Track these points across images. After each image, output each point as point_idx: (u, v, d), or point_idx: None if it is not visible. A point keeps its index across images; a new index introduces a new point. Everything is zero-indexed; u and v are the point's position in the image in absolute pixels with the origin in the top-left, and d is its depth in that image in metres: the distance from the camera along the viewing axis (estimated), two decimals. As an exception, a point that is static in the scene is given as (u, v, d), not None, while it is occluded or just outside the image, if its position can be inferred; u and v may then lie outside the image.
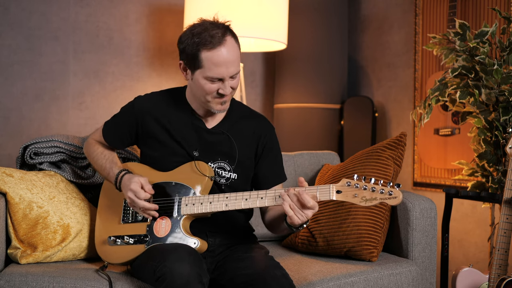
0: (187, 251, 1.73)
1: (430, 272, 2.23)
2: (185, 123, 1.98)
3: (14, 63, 3.25)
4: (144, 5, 3.52)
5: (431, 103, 2.50)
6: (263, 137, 2.03)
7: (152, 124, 1.97)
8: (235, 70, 1.84)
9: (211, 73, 1.82)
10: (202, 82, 1.85)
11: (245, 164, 2.00)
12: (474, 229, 3.07)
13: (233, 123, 2.01)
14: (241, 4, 2.89)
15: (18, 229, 2.02)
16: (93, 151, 2.06)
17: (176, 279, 1.63)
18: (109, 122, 2.07)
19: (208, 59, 1.80)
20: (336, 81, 3.62)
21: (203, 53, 1.80)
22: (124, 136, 2.03)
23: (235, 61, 1.84)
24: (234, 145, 1.97)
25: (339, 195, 1.73)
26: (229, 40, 1.83)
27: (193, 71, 1.86)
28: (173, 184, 1.92)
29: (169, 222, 1.88)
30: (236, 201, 1.83)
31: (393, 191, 1.68)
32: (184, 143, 1.95)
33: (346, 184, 1.72)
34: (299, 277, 1.96)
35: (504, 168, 2.41)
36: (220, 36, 1.81)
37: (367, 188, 1.70)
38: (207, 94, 1.86)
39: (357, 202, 1.70)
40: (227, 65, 1.81)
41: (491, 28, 2.43)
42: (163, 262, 1.68)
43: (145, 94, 2.05)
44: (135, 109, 2.00)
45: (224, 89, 1.85)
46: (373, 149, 2.32)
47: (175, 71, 3.60)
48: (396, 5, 3.57)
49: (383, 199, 1.68)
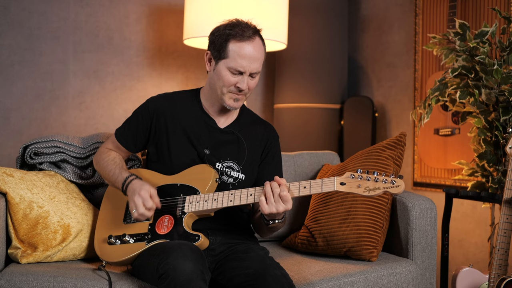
0: (190, 248, 1.74)
1: (430, 272, 2.23)
2: (198, 122, 2.03)
3: (14, 63, 3.25)
4: (144, 5, 3.52)
5: (431, 103, 2.50)
6: (269, 144, 2.10)
7: (165, 123, 2.02)
8: (256, 67, 1.94)
9: (234, 64, 1.91)
10: (223, 73, 1.93)
11: (253, 167, 2.05)
12: (474, 229, 3.07)
13: (244, 125, 2.08)
14: (240, 4, 2.90)
15: (19, 229, 2.03)
16: (104, 157, 2.07)
17: (179, 276, 1.63)
18: (122, 127, 2.10)
19: (234, 50, 1.91)
20: (336, 81, 3.62)
21: (231, 44, 1.91)
22: (139, 138, 2.06)
23: (258, 59, 1.94)
24: (244, 146, 2.03)
25: (343, 187, 1.75)
26: (258, 40, 1.95)
27: (218, 61, 1.95)
28: (178, 185, 1.95)
29: (172, 220, 1.89)
30: (240, 198, 1.84)
31: (396, 180, 1.71)
32: (196, 141, 2.00)
33: (350, 176, 1.75)
34: (299, 277, 1.96)
35: (504, 168, 2.41)
36: (250, 33, 1.93)
37: (370, 179, 1.72)
38: (225, 86, 1.94)
39: (360, 192, 1.73)
40: (251, 59, 1.92)
41: (491, 28, 2.43)
42: (166, 259, 1.68)
43: (158, 95, 2.10)
44: (150, 110, 2.04)
45: (242, 84, 1.93)
46: (373, 149, 2.33)
47: (175, 71, 3.60)
48: (396, 5, 3.57)
49: (386, 188, 1.71)
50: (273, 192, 1.78)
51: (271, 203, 1.78)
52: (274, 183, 1.79)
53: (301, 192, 1.80)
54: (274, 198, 1.77)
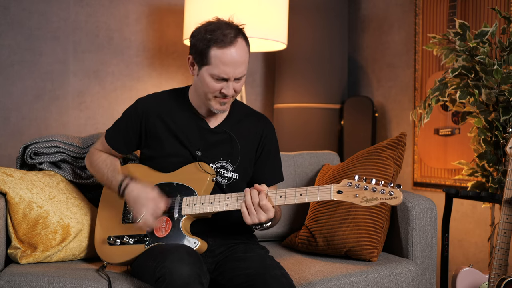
0: (187, 251, 1.73)
1: (430, 272, 2.23)
2: (188, 123, 1.98)
3: (14, 63, 3.25)
4: (144, 5, 3.52)
5: (431, 103, 2.50)
6: (264, 138, 2.04)
7: (156, 124, 1.98)
8: (241, 72, 1.86)
9: (217, 71, 1.83)
10: (207, 80, 1.86)
11: (247, 165, 2.01)
12: (474, 229, 3.07)
13: (235, 123, 2.02)
14: (240, 4, 2.89)
15: (18, 229, 2.02)
16: (95, 159, 2.05)
17: (175, 279, 1.62)
18: (111, 128, 2.06)
19: (217, 56, 1.82)
20: (336, 81, 3.62)
21: (213, 50, 1.82)
22: (129, 140, 2.03)
23: (242, 64, 1.86)
24: (237, 145, 1.98)
25: (340, 195, 1.73)
26: (240, 42, 1.85)
27: (200, 67, 1.88)
28: (175, 185, 1.92)
29: (169, 223, 1.88)
30: (237, 202, 1.83)
31: (394, 191, 1.69)
32: (187, 143, 1.96)
33: (347, 184, 1.73)
34: (299, 277, 1.96)
35: (504, 168, 2.41)
36: (232, 36, 1.83)
37: (368, 188, 1.70)
38: (210, 92, 1.88)
39: (357, 202, 1.71)
40: (234, 65, 1.83)
41: (491, 28, 2.43)
42: (162, 262, 1.68)
43: (146, 96, 2.05)
44: (139, 111, 2.00)
45: (227, 90, 1.86)
46: (373, 149, 2.32)
47: (175, 71, 3.60)
48: (396, 5, 3.57)
49: (384, 199, 1.69)
50: (252, 202, 1.75)
51: (253, 214, 1.75)
52: (254, 192, 1.76)
53: (297, 199, 1.77)
54: (254, 208, 1.75)
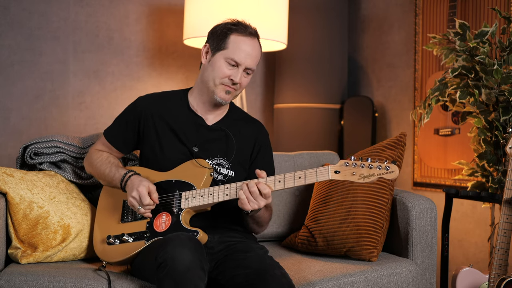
0: (188, 237, 1.74)
1: (430, 272, 2.23)
2: (186, 120, 2.03)
3: (14, 63, 3.25)
4: (144, 5, 3.52)
5: (431, 103, 2.50)
6: (259, 141, 2.10)
7: (155, 122, 2.02)
8: (252, 64, 1.97)
9: (232, 55, 1.94)
10: (219, 63, 1.96)
11: (242, 164, 2.05)
12: (474, 229, 3.07)
13: (232, 122, 2.08)
14: (240, 4, 2.90)
15: (19, 229, 2.03)
16: (96, 158, 2.07)
17: (177, 265, 1.63)
18: (111, 126, 2.10)
19: (235, 41, 1.95)
20: (336, 81, 3.62)
21: (233, 35, 1.96)
22: (128, 137, 2.06)
23: (255, 57, 1.98)
24: (233, 142, 2.02)
25: (337, 175, 1.76)
26: (256, 41, 2.01)
27: (215, 53, 1.98)
28: (173, 182, 1.94)
29: (169, 217, 1.89)
30: (236, 191, 1.84)
31: (390, 166, 1.72)
32: (185, 139, 2.00)
33: (344, 164, 1.75)
34: (299, 277, 1.96)
35: (504, 168, 2.41)
36: (252, 32, 2.00)
37: (364, 166, 1.73)
38: (218, 77, 1.96)
39: (355, 179, 1.73)
40: (248, 54, 1.96)
41: (491, 28, 2.43)
42: (164, 248, 1.68)
43: (146, 94, 2.10)
44: (138, 109, 2.04)
45: (236, 77, 1.95)
46: (373, 149, 2.33)
47: (175, 71, 3.60)
48: (396, 5, 3.57)
49: (381, 174, 1.71)
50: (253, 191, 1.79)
51: (252, 201, 1.79)
52: (251, 181, 1.80)
53: (296, 182, 1.79)
54: (253, 196, 1.78)
